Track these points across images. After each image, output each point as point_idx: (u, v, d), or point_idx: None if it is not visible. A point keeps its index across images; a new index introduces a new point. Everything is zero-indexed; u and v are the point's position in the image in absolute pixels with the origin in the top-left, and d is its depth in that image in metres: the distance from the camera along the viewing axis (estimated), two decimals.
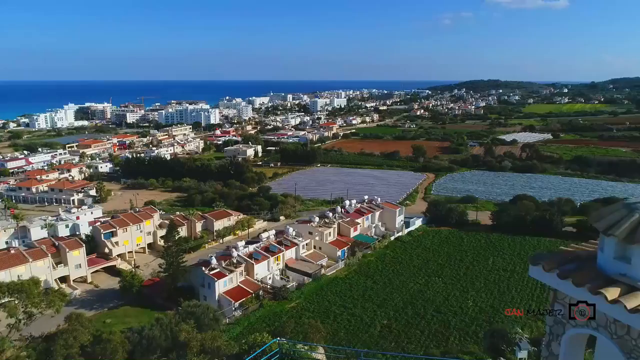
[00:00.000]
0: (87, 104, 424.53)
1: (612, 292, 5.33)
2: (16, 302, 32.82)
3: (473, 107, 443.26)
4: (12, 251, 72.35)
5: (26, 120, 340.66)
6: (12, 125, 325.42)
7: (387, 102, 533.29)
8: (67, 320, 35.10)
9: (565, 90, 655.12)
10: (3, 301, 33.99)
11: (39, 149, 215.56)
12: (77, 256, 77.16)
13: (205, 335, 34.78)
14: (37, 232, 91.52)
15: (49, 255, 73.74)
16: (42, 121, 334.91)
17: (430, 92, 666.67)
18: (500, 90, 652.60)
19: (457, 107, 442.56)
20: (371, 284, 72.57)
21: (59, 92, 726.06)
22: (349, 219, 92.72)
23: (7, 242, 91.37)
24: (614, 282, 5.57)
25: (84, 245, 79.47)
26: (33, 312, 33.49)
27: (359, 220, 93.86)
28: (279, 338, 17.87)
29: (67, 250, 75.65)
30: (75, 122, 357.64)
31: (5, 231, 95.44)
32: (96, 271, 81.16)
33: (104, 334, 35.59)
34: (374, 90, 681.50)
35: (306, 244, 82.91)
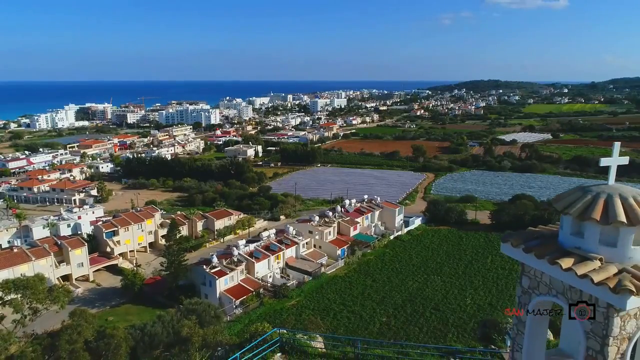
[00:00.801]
0: (87, 105, 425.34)
1: (567, 262, 6.08)
2: (21, 298, 33.41)
3: (473, 107, 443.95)
4: (15, 250, 73.03)
5: (27, 120, 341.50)
6: (12, 126, 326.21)
7: (387, 102, 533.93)
8: (71, 316, 35.69)
9: (565, 91, 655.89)
10: (9, 297, 34.59)
11: (40, 149, 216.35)
12: (79, 255, 77.84)
13: (207, 330, 35.43)
14: (39, 232, 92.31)
15: (52, 254, 74.41)
16: (42, 121, 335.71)
17: (430, 93, 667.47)
18: (501, 91, 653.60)
19: (457, 107, 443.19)
20: (371, 282, 73.18)
21: (59, 93, 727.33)
22: (348, 218, 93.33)
23: (9, 242, 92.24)
24: (570, 254, 6.33)
25: (86, 244, 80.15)
26: (38, 308, 34.08)
27: (358, 220, 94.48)
28: (279, 327, 18.49)
29: (70, 249, 76.33)
30: (76, 123, 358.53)
31: (7, 230, 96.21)
32: (98, 270, 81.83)
33: (107, 329, 36.19)
34: (374, 91, 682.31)
35: (306, 243, 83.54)
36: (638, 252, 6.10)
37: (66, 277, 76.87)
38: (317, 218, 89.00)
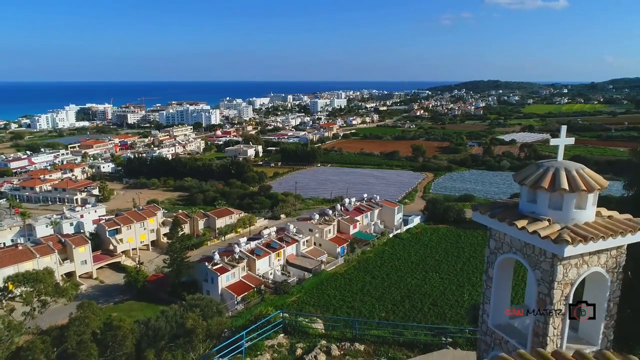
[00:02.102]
0: (88, 105, 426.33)
1: (521, 222, 7.31)
2: (31, 290, 34.55)
3: (473, 107, 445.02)
4: (20, 247, 74.12)
5: (27, 121, 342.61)
6: (13, 126, 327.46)
7: (387, 102, 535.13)
8: (79, 309, 36.83)
9: (565, 91, 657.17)
10: (20, 290, 35.72)
11: (42, 149, 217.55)
12: (83, 252, 78.99)
13: (211, 321, 36.54)
14: (42, 230, 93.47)
15: (56, 251, 75.53)
16: (43, 122, 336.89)
17: (430, 93, 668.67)
18: (500, 91, 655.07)
19: (456, 108, 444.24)
20: (370, 279, 74.32)
21: (59, 93, 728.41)
22: (348, 216, 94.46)
23: (12, 240, 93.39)
24: (525, 217, 7.59)
25: (89, 241, 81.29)
26: (47, 301, 35.22)
27: (358, 218, 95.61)
28: (281, 310, 19.62)
29: (73, 246, 77.47)
30: (77, 123, 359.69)
31: (10, 229, 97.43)
32: (101, 267, 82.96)
33: (114, 321, 37.30)
34: (374, 91, 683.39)
35: (306, 241, 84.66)
36: (578, 214, 7.39)
37: (70, 275, 77.94)
38: (317, 216, 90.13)
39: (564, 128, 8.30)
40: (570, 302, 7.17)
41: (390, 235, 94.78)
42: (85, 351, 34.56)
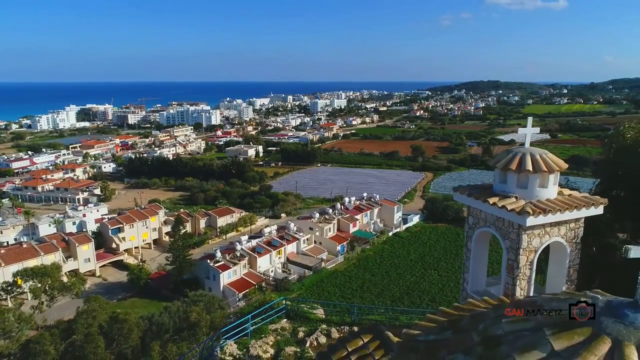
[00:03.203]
0: (88, 106, 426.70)
1: (493, 199, 8.49)
2: (40, 284, 35.58)
3: (472, 107, 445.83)
4: (25, 245, 75.19)
5: (28, 121, 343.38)
6: (14, 127, 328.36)
7: (387, 103, 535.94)
8: (86, 302, 37.87)
9: (565, 91, 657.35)
10: (28, 284, 36.76)
11: (43, 150, 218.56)
12: (86, 250, 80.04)
13: (214, 315, 37.59)
14: (45, 229, 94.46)
15: (60, 249, 76.56)
16: (44, 122, 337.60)
17: (430, 93, 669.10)
18: (500, 91, 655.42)
19: (456, 108, 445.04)
20: (369, 277, 75.38)
21: (60, 94, 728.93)
22: (348, 215, 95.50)
23: (15, 239, 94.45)
24: (497, 195, 8.73)
25: (92, 240, 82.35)
26: (55, 294, 36.25)
27: (358, 217, 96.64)
28: (284, 297, 20.66)
29: (77, 244, 78.53)
30: (77, 124, 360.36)
31: (14, 228, 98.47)
32: (104, 265, 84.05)
33: (120, 315, 38.35)
34: (374, 91, 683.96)
35: (307, 239, 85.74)
36: (541, 191, 8.60)
37: (73, 273, 78.94)
38: (317, 215, 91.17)
39: (530, 119, 9.48)
40: (534, 266, 8.28)
41: (390, 234, 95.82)
42: (92, 343, 35.59)
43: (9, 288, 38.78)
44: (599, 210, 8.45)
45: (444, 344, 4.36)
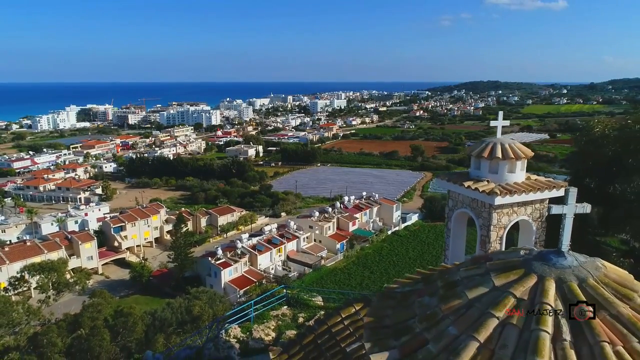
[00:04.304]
0: (88, 106, 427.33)
1: (468, 183, 9.61)
2: (47, 279, 36.60)
3: (472, 107, 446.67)
4: (28, 243, 76.20)
5: (28, 121, 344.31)
6: (14, 127, 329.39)
7: (387, 103, 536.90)
8: (91, 296, 38.88)
9: (564, 91, 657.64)
10: (36, 278, 37.79)
11: (44, 150, 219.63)
12: (89, 248, 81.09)
13: (217, 308, 38.62)
14: (48, 228, 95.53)
15: (63, 247, 77.59)
16: (44, 123, 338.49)
17: (429, 93, 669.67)
18: (500, 91, 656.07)
19: (456, 108, 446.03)
20: (368, 274, 76.44)
21: (60, 94, 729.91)
22: (347, 214, 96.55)
23: (18, 238, 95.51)
24: (472, 179, 9.73)
25: (94, 238, 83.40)
26: (61, 288, 37.25)
27: (357, 215, 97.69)
28: (285, 286, 21.68)
29: (80, 242, 79.57)
30: (77, 124, 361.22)
31: (16, 227, 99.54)
32: (106, 263, 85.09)
33: (124, 308, 39.37)
34: (373, 92, 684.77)
35: (307, 237, 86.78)
36: (509, 176, 9.85)
37: (78, 270, 79.97)
38: (317, 214, 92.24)
39: (500, 113, 10.55)
40: (504, 241, 9.36)
41: (389, 232, 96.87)
42: (98, 336, 36.59)
43: (16, 283, 39.80)
44: (561, 192, 9.59)
45: (415, 292, 5.40)
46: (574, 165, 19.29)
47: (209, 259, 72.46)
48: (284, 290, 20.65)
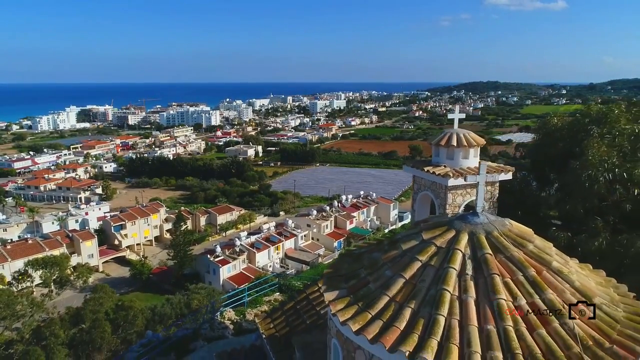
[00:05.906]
0: (88, 107, 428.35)
1: (428, 167, 10.78)
2: (50, 273, 37.75)
3: (471, 108, 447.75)
4: (30, 241, 77.34)
5: (28, 122, 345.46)
6: (14, 127, 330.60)
7: (386, 103, 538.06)
8: (93, 290, 40.01)
9: (564, 92, 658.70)
10: (39, 272, 38.95)
11: (44, 150, 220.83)
12: (90, 246, 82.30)
13: (215, 300, 39.72)
14: (49, 226, 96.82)
15: (64, 245, 78.76)
16: (44, 123, 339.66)
17: (429, 94, 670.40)
18: (499, 92, 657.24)
19: (455, 109, 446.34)
20: None
21: (60, 95, 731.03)
22: (345, 212, 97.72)
23: (19, 236, 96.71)
24: (432, 165, 10.95)
25: (95, 236, 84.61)
26: (63, 282, 38.40)
27: (354, 214, 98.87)
28: (277, 274, 22.86)
29: (81, 241, 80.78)
30: (77, 124, 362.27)
31: (18, 226, 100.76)
32: (107, 261, 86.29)
33: (125, 302, 40.50)
34: (373, 92, 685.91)
35: (304, 235, 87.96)
36: (464, 162, 11.23)
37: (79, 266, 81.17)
38: (315, 212, 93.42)
39: (457, 107, 11.76)
40: None
41: (386, 231, 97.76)
42: (99, 328, 37.75)
43: (20, 277, 40.94)
44: (509, 176, 10.96)
45: (368, 251, 6.61)
46: (532, 156, 20.84)
47: (208, 256, 73.63)
48: (276, 279, 21.82)
